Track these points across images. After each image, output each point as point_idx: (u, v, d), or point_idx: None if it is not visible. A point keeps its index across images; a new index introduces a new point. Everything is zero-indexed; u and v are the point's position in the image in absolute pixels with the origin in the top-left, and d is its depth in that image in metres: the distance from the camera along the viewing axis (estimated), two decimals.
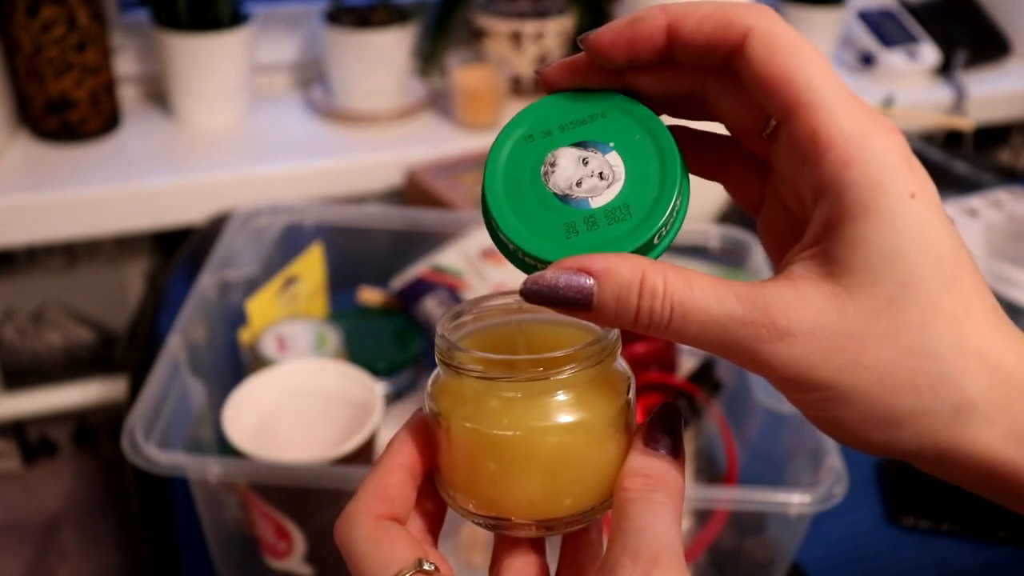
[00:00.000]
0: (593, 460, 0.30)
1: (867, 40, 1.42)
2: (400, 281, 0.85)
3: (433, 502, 0.32)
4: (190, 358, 0.68)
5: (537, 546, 0.32)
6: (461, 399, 0.30)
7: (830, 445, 0.60)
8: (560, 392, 0.29)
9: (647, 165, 0.29)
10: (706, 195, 0.98)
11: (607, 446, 0.30)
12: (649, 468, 0.29)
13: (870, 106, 0.28)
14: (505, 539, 0.32)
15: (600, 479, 0.30)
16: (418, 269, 0.84)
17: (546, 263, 0.28)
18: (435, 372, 0.32)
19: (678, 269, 0.27)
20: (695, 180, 0.31)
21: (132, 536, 1.24)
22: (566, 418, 0.29)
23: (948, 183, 1.23)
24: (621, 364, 0.32)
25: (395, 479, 0.31)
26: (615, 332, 0.31)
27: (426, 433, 0.31)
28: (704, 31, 0.28)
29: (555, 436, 0.29)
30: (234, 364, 0.77)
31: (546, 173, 0.30)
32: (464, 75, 1.19)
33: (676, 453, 0.30)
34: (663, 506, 0.28)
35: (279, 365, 0.64)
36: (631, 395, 0.31)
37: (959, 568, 0.68)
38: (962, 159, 1.31)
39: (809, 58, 0.27)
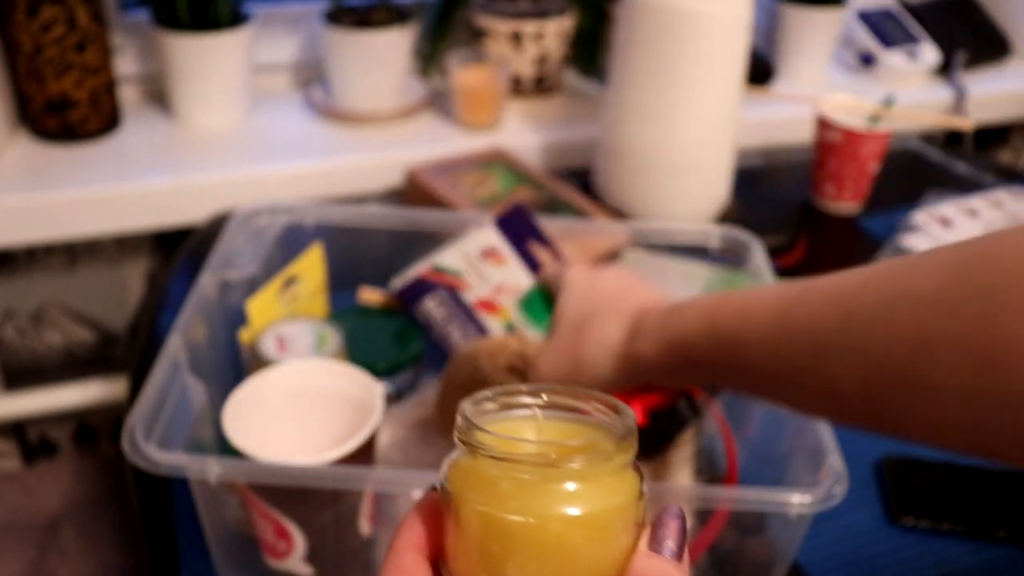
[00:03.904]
0: (598, 555, 0.30)
1: (867, 40, 1.42)
2: (400, 281, 0.85)
3: None
4: (190, 358, 0.68)
5: None
6: (473, 480, 0.30)
7: (830, 445, 0.60)
8: (571, 482, 0.29)
9: None
10: (707, 195, 0.97)
11: (613, 544, 0.30)
12: (653, 571, 0.29)
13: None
14: None
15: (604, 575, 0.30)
16: (418, 269, 0.84)
17: None
18: (453, 454, 0.32)
19: None
20: (699, 182, 0.31)
21: (132, 536, 1.24)
22: (573, 510, 0.29)
23: (948, 183, 1.23)
24: (635, 466, 0.32)
25: (409, 559, 0.32)
26: (632, 431, 0.31)
27: (436, 514, 0.32)
28: None
29: (561, 526, 0.29)
30: (234, 364, 0.77)
31: None
32: (464, 75, 1.19)
33: (680, 557, 0.30)
34: None
35: (279, 365, 0.64)
36: (643, 494, 0.31)
37: (959, 568, 0.68)
38: (962, 159, 1.31)
39: None
